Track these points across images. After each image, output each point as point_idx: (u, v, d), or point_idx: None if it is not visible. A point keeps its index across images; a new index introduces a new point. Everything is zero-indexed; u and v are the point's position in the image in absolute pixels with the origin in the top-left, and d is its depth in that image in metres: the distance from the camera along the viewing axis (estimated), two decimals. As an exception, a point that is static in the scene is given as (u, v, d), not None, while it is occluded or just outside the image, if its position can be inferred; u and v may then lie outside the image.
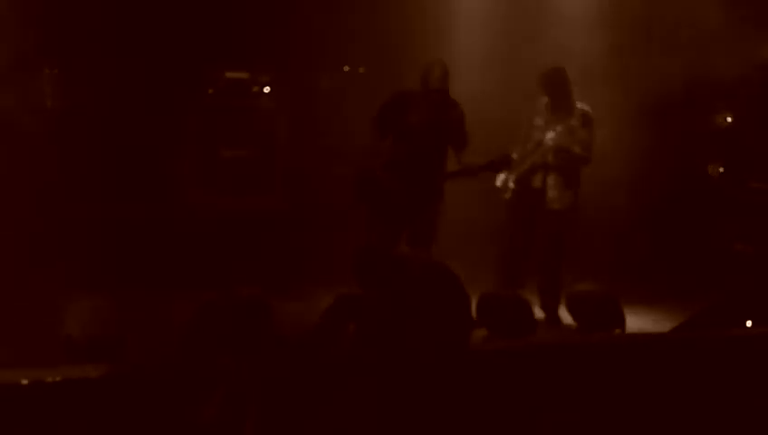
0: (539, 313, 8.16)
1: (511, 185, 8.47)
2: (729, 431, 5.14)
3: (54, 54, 9.46)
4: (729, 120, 9.96)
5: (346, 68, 10.61)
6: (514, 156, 7.96)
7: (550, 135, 8.28)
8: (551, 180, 8.33)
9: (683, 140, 9.99)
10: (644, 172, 9.98)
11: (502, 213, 8.67)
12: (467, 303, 5.75)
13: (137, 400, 4.54)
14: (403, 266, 5.68)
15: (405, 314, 5.43)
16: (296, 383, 4.68)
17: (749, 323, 6.54)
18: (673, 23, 9.81)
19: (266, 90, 10.16)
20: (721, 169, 9.97)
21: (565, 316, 7.28)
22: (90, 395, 4.52)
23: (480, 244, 9.11)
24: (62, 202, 8.89)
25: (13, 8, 9.10)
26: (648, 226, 10.06)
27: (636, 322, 7.37)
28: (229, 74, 10.05)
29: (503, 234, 8.72)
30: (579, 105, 8.36)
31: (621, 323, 6.99)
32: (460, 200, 9.54)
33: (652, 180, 10.02)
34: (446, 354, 5.31)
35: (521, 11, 10.09)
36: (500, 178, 8.49)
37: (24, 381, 4.46)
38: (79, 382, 4.66)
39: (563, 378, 5.02)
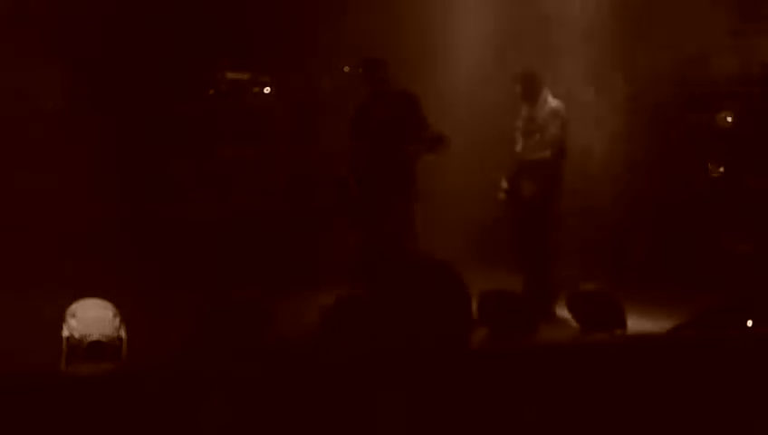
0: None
1: (504, 185, 8.65)
2: (730, 432, 5.14)
3: (56, 56, 9.46)
4: (729, 119, 9.95)
5: (346, 68, 10.60)
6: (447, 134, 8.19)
7: (521, 142, 8.48)
8: (529, 179, 8.51)
9: (683, 140, 9.98)
10: (644, 172, 9.98)
11: (499, 212, 8.82)
12: (468, 302, 5.75)
13: (136, 401, 4.55)
14: (404, 264, 5.69)
15: (405, 312, 5.43)
16: (296, 385, 4.68)
17: (749, 323, 6.54)
18: (672, 21, 9.81)
19: (267, 90, 10.17)
20: (721, 169, 9.96)
21: (566, 316, 7.27)
22: (90, 396, 4.52)
23: (479, 243, 9.12)
24: (61, 203, 8.89)
25: (14, 9, 9.12)
26: (649, 226, 10.06)
27: (636, 322, 7.36)
28: (230, 75, 10.06)
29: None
30: (551, 103, 8.52)
31: (622, 323, 6.99)
32: (461, 200, 9.57)
33: (652, 180, 10.02)
34: (446, 354, 5.31)
35: (518, 10, 10.10)
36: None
37: (26, 381, 4.47)
38: (79, 383, 4.66)
39: (564, 378, 5.02)
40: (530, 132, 8.59)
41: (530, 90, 8.62)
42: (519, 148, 8.64)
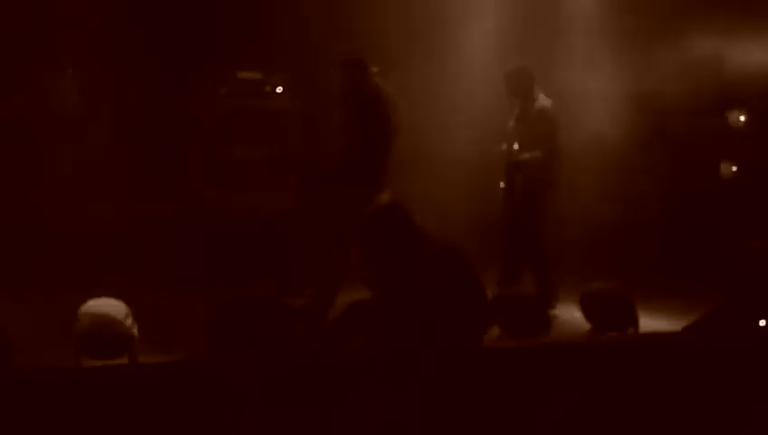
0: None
1: (501, 185, 8.62)
2: (741, 429, 5.13)
3: (69, 55, 9.48)
4: (742, 118, 9.92)
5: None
6: None
7: (512, 141, 8.49)
8: (518, 180, 8.50)
9: (697, 138, 9.97)
10: (658, 170, 9.97)
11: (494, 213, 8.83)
12: (485, 301, 5.75)
13: (149, 399, 4.55)
14: (420, 244, 5.67)
15: (424, 309, 5.43)
16: (307, 383, 4.68)
17: (762, 322, 6.52)
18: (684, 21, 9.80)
19: (279, 89, 10.16)
20: (734, 167, 9.94)
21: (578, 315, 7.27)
22: (102, 393, 4.53)
23: (480, 241, 9.09)
24: (75, 202, 8.92)
25: (28, 10, 9.15)
26: (663, 223, 10.04)
27: (649, 321, 7.35)
28: (242, 74, 10.05)
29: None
30: (541, 101, 8.45)
31: (634, 322, 6.98)
32: (462, 197, 9.57)
33: (666, 178, 10.00)
34: (461, 352, 5.31)
35: (532, 11, 10.09)
36: None
37: (41, 378, 4.48)
38: (92, 381, 4.67)
39: (576, 377, 5.02)
40: (520, 131, 8.52)
41: (518, 87, 8.51)
42: (510, 147, 8.56)
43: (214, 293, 6.56)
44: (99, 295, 6.00)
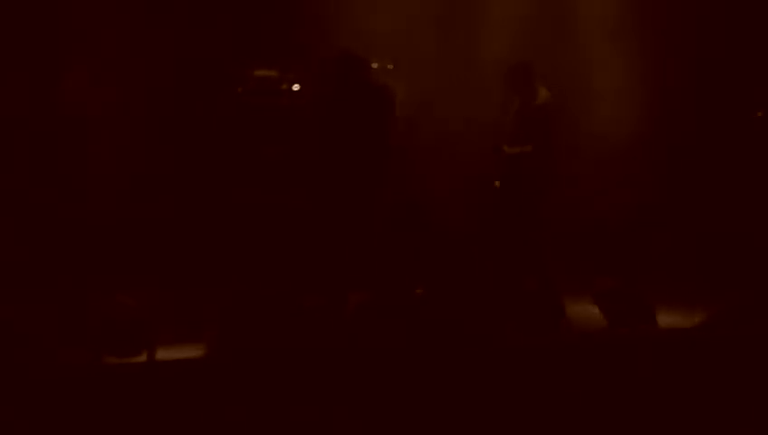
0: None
1: (497, 184, 8.61)
2: (753, 424, 5.16)
3: (88, 58, 9.53)
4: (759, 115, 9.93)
5: (374, 65, 10.59)
6: None
7: (503, 139, 8.49)
8: (512, 177, 8.48)
9: (706, 136, 9.97)
10: (668, 169, 9.97)
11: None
12: (498, 289, 5.79)
13: (165, 394, 4.60)
14: (437, 240, 5.71)
15: (445, 308, 5.47)
16: (321, 379, 4.73)
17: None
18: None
19: (295, 87, 10.19)
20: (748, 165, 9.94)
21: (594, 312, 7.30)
22: (120, 389, 4.58)
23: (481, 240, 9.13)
24: (99, 202, 8.98)
25: (45, 10, 9.21)
26: (673, 222, 10.04)
27: (662, 318, 7.36)
28: (258, 72, 10.08)
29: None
30: (540, 95, 8.43)
31: (650, 318, 7.01)
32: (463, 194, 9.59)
33: (676, 177, 10.00)
34: (479, 348, 5.35)
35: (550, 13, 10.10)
36: None
37: (60, 375, 4.53)
38: (110, 376, 4.73)
39: (591, 373, 5.05)
40: (518, 127, 8.50)
41: (516, 82, 8.49)
42: (502, 143, 8.54)
43: (229, 291, 6.61)
44: (118, 293, 6.05)
